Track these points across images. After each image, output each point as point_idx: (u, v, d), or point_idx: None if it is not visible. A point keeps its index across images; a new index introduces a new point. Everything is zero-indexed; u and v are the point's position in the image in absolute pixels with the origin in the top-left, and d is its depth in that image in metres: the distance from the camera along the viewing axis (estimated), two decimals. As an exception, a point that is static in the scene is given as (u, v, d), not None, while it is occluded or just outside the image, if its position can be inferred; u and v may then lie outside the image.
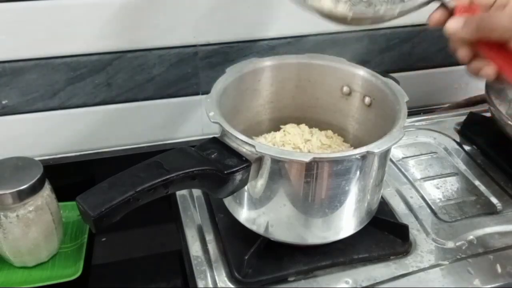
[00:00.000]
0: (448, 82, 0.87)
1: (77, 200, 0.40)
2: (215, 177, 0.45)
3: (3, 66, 0.64)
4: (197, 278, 0.53)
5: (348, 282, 0.53)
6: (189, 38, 0.69)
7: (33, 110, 0.68)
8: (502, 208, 0.62)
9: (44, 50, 0.65)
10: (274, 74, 0.62)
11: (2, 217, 0.53)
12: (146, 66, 0.70)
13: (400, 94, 0.54)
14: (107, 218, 0.39)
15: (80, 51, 0.66)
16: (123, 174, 0.42)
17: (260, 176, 0.49)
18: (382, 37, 0.79)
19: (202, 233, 0.59)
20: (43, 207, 0.55)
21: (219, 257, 0.55)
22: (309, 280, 0.53)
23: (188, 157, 0.45)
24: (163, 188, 0.42)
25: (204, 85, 0.73)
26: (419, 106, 0.88)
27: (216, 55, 0.71)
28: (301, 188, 0.48)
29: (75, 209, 0.61)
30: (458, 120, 0.79)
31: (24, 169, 0.54)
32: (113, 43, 0.67)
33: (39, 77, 0.66)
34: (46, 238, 0.57)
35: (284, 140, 0.61)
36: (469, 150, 0.73)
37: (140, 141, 0.76)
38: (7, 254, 0.56)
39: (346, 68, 0.60)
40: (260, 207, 0.52)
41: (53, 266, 0.58)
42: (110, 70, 0.68)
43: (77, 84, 0.68)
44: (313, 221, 0.51)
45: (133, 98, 0.72)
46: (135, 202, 0.41)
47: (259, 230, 0.53)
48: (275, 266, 0.53)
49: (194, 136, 0.77)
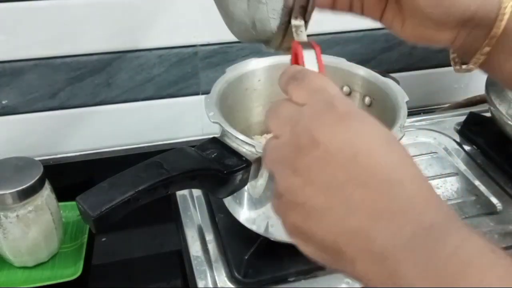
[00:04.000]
0: (448, 82, 0.87)
1: (77, 200, 0.40)
2: (215, 177, 0.45)
3: (3, 66, 0.64)
4: (197, 278, 0.53)
5: (348, 282, 0.53)
6: (189, 38, 0.69)
7: (33, 110, 0.68)
8: (502, 208, 0.62)
9: (44, 50, 0.65)
10: (274, 74, 0.61)
11: (2, 217, 0.53)
12: (146, 66, 0.70)
13: (400, 94, 0.54)
14: (107, 218, 0.39)
15: (80, 51, 0.66)
16: (123, 174, 0.42)
17: (260, 176, 0.49)
18: (382, 37, 0.79)
19: (202, 233, 0.59)
20: (43, 207, 0.55)
21: (219, 257, 0.55)
22: (309, 280, 0.53)
23: (188, 157, 0.45)
24: (163, 188, 0.42)
25: (204, 85, 0.73)
26: (419, 106, 0.88)
27: (216, 55, 0.71)
28: (301, 188, 0.48)
29: (75, 209, 0.61)
30: (458, 120, 0.79)
31: (24, 169, 0.54)
32: (113, 43, 0.67)
33: (39, 77, 0.66)
34: (46, 238, 0.56)
35: (284, 140, 0.61)
36: (469, 150, 0.73)
37: (140, 141, 0.76)
38: (7, 254, 0.56)
39: (346, 68, 0.60)
40: (260, 207, 0.51)
41: (53, 266, 0.58)
42: (110, 70, 0.68)
43: (77, 84, 0.68)
44: (313, 221, 0.51)
45: (133, 98, 0.72)
46: (135, 202, 0.41)
47: (259, 230, 0.53)
48: (275, 266, 0.53)
49: (194, 136, 0.77)
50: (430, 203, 0.26)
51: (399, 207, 0.25)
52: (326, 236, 0.27)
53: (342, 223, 0.26)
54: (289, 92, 0.31)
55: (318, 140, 0.27)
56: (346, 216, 0.26)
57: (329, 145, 0.27)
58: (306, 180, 0.27)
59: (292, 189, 0.28)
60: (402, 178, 0.26)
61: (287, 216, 0.29)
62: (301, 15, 0.36)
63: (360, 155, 0.26)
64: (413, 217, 0.25)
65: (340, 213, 0.26)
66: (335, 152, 0.27)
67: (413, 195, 0.26)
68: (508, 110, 0.69)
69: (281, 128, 0.30)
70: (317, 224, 0.27)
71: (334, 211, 0.26)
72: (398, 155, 0.27)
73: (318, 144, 0.27)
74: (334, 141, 0.27)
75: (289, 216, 0.29)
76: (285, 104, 0.31)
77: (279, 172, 0.29)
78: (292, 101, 0.31)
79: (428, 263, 0.23)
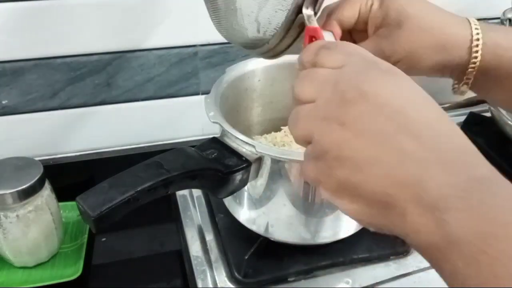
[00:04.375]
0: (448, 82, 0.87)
1: (77, 200, 0.40)
2: (215, 177, 0.45)
3: (3, 66, 0.64)
4: (197, 278, 0.53)
5: (348, 282, 0.53)
6: (189, 38, 0.69)
7: (33, 110, 0.68)
8: (502, 208, 0.62)
9: (44, 50, 0.65)
10: (274, 74, 0.62)
11: (2, 217, 0.53)
12: (146, 66, 0.70)
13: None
14: (107, 218, 0.39)
15: (80, 51, 0.66)
16: (123, 174, 0.42)
17: (260, 176, 0.49)
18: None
19: (202, 233, 0.59)
20: (43, 207, 0.55)
21: (219, 257, 0.55)
22: (309, 280, 0.53)
23: (188, 157, 0.45)
24: (163, 188, 0.42)
25: (204, 85, 0.73)
26: (419, 106, 0.88)
27: (216, 55, 0.71)
28: (301, 188, 0.48)
29: (75, 209, 0.61)
30: (458, 120, 0.79)
31: (24, 169, 0.54)
32: (113, 43, 0.67)
33: (39, 77, 0.66)
34: (46, 238, 0.57)
35: (285, 140, 0.61)
36: (469, 150, 0.73)
37: (140, 141, 0.76)
38: (7, 254, 0.56)
39: (346, 68, 0.60)
40: (260, 207, 0.51)
41: (53, 266, 0.58)
42: (110, 70, 0.68)
43: (77, 84, 0.68)
44: (313, 221, 0.51)
45: (133, 98, 0.72)
46: (135, 202, 0.41)
47: (259, 230, 0.53)
48: (275, 266, 0.53)
49: (194, 136, 0.77)
50: (477, 156, 0.26)
51: (450, 158, 0.25)
52: (377, 188, 0.26)
53: (394, 174, 0.26)
54: (320, 60, 0.31)
55: (367, 93, 0.27)
56: (398, 166, 0.26)
57: (377, 97, 0.27)
58: (355, 133, 0.27)
59: (340, 143, 0.27)
60: (449, 131, 0.27)
61: (332, 174, 0.28)
62: (312, 5, 0.37)
63: (408, 107, 0.27)
64: (464, 168, 0.25)
65: (391, 164, 0.26)
66: (384, 103, 0.27)
67: (462, 148, 0.26)
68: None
69: (320, 89, 0.30)
70: (368, 177, 0.27)
71: (385, 162, 0.26)
72: (439, 110, 0.28)
73: (366, 96, 0.27)
74: (382, 93, 0.27)
75: (335, 173, 0.28)
76: (318, 70, 0.31)
77: (322, 129, 0.29)
78: (326, 66, 0.31)
79: (478, 212, 0.23)
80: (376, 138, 0.27)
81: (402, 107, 0.27)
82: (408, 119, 0.26)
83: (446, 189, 0.24)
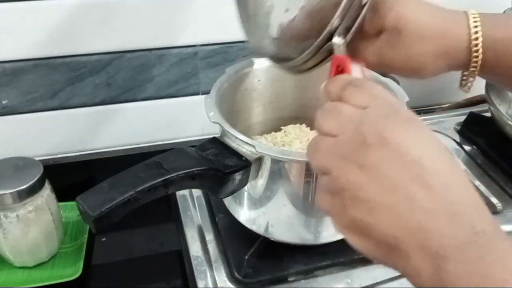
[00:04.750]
0: (448, 82, 0.87)
1: (77, 200, 0.40)
2: (215, 177, 0.45)
3: (3, 66, 0.64)
4: (197, 278, 0.53)
5: (348, 282, 0.53)
6: (189, 38, 0.69)
7: (33, 110, 0.68)
8: (502, 208, 0.62)
9: (44, 50, 0.65)
10: (274, 74, 0.62)
11: (2, 217, 0.53)
12: (146, 66, 0.70)
13: (400, 94, 0.54)
14: (107, 218, 0.39)
15: (80, 51, 0.66)
16: (123, 174, 0.42)
17: (260, 176, 0.49)
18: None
19: (202, 233, 0.59)
20: (43, 207, 0.55)
21: (219, 257, 0.55)
22: (309, 280, 0.53)
23: (188, 157, 0.45)
24: (163, 188, 0.42)
25: (204, 85, 0.73)
26: (419, 106, 0.88)
27: (216, 55, 0.71)
28: (301, 188, 0.48)
29: (75, 209, 0.61)
30: (458, 120, 0.79)
31: (24, 169, 0.54)
32: (113, 43, 0.67)
33: (39, 77, 0.66)
34: (46, 238, 0.57)
35: (285, 140, 0.61)
36: (469, 150, 0.73)
37: (140, 141, 0.76)
38: (7, 254, 0.56)
39: (346, 68, 0.60)
40: (260, 207, 0.51)
41: (53, 266, 0.58)
42: (110, 70, 0.68)
43: (77, 84, 0.68)
44: (313, 221, 0.51)
45: (133, 98, 0.72)
46: (135, 202, 0.41)
47: (259, 230, 0.53)
48: (275, 266, 0.53)
49: (194, 136, 0.77)
50: (480, 210, 0.28)
51: (456, 211, 0.27)
52: (387, 231, 0.28)
53: (405, 220, 0.27)
54: (347, 97, 0.33)
55: (388, 140, 0.28)
56: (409, 213, 0.27)
57: (398, 145, 0.28)
58: (372, 177, 0.28)
59: (357, 185, 0.29)
60: (458, 183, 0.28)
61: (346, 212, 0.30)
62: (344, 34, 0.38)
63: (425, 158, 0.28)
64: (467, 221, 0.26)
65: (403, 210, 0.27)
66: (404, 153, 0.28)
67: (468, 201, 0.27)
68: (508, 110, 0.69)
69: (343, 126, 0.31)
70: (380, 220, 0.28)
71: (397, 208, 0.28)
72: (452, 162, 0.29)
73: (387, 143, 0.28)
74: (403, 141, 0.28)
75: (349, 211, 0.29)
76: (344, 106, 0.32)
77: (340, 167, 0.30)
78: (351, 103, 0.32)
79: (474, 264, 0.25)
80: (391, 185, 0.28)
81: (419, 157, 0.28)
82: (423, 170, 0.27)
83: (447, 240, 0.26)
